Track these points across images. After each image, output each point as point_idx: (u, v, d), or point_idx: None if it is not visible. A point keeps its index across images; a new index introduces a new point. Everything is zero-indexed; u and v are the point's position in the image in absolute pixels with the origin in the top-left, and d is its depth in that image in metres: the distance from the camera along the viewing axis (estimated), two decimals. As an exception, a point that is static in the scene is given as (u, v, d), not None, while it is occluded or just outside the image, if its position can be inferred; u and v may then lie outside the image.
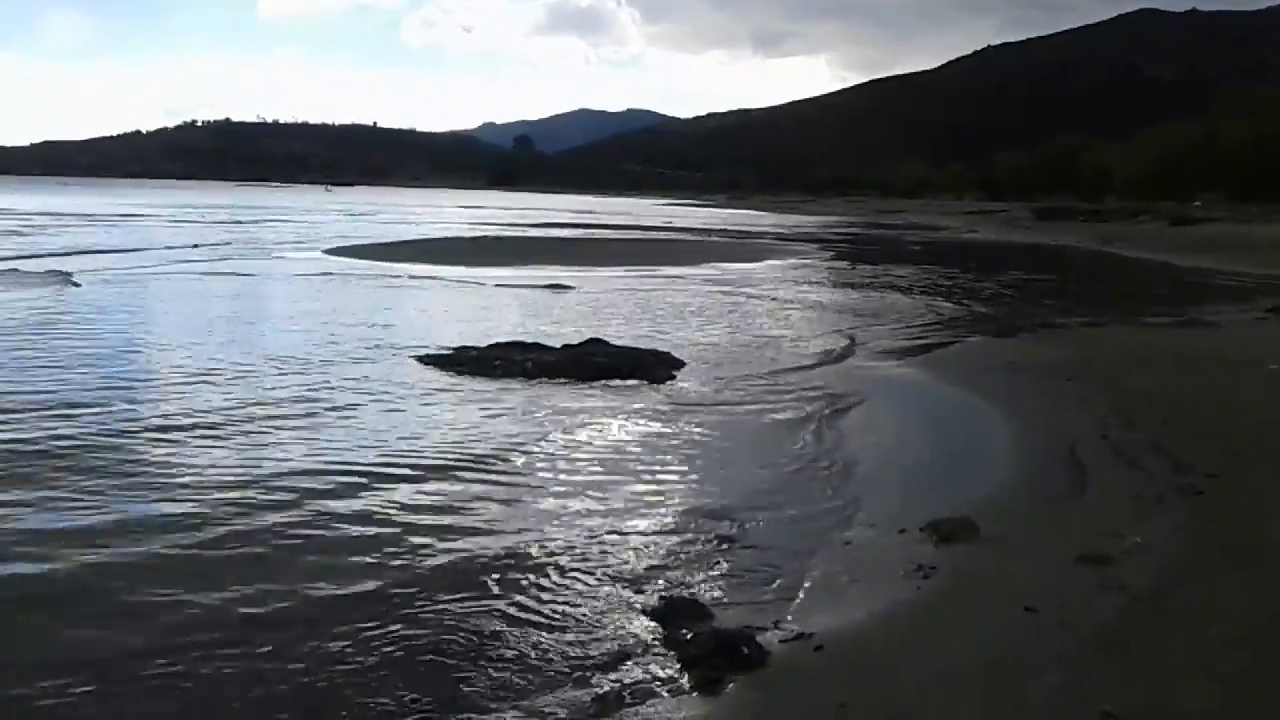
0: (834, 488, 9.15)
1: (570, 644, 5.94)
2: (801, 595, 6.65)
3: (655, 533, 7.86)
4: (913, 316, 22.74)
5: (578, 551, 7.39)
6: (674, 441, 10.77)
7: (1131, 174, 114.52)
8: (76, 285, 23.82)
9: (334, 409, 11.79)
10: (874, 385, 13.99)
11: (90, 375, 13.22)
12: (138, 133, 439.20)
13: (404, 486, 8.90)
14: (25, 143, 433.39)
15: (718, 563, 7.21)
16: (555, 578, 6.90)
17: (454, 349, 15.67)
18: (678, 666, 5.61)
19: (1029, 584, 6.56)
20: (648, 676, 5.54)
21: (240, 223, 62.34)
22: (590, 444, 10.58)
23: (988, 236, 73.03)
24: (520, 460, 9.87)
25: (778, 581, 6.88)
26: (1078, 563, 6.86)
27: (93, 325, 17.79)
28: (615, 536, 7.74)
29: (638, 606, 6.44)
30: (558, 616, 6.32)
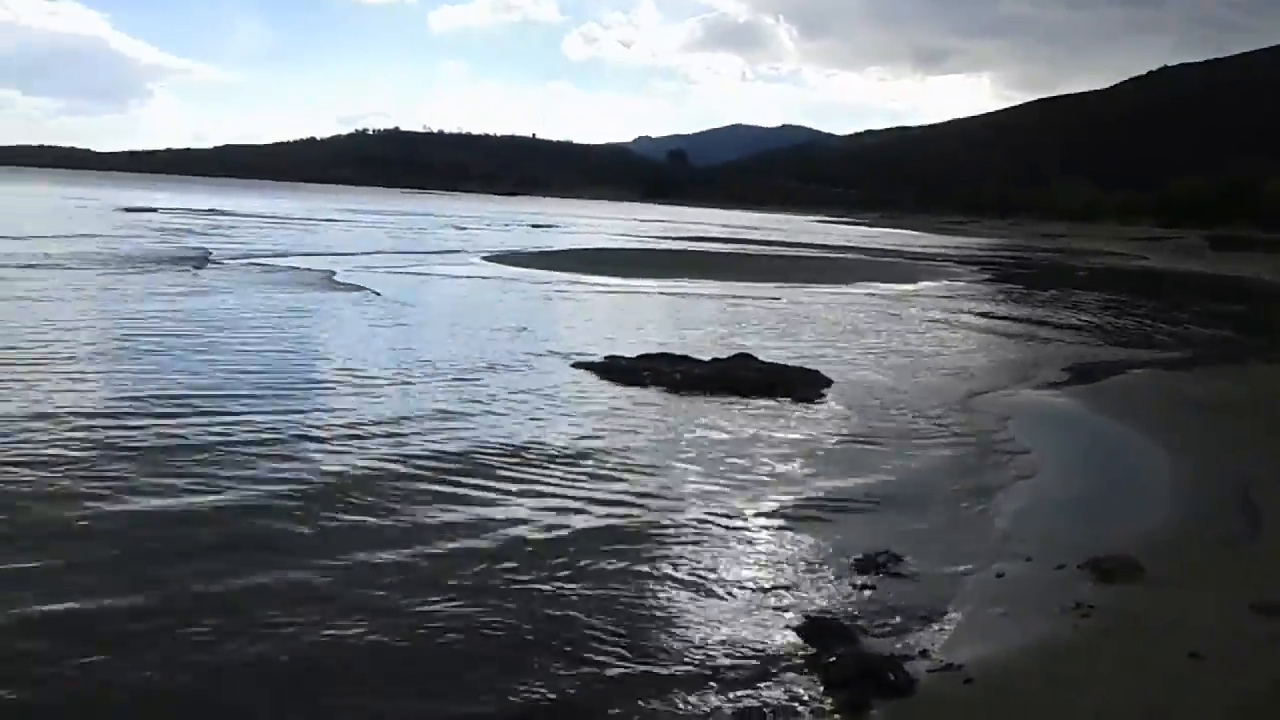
0: (987, 519, 8.91)
1: (715, 654, 5.98)
2: (951, 626, 6.51)
3: (801, 553, 7.82)
4: (1075, 345, 21.90)
5: (724, 565, 7.43)
6: (821, 463, 10.67)
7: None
8: (377, 293, 24.86)
9: (490, 412, 12.14)
10: (1032, 416, 13.55)
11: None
12: (313, 139, 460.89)
13: (552, 484, 9.10)
14: (209, 146, 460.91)
15: (864, 587, 7.12)
16: (702, 588, 6.97)
17: (605, 358, 15.91)
18: (821, 688, 5.57)
19: (1195, 629, 6.25)
20: (791, 695, 5.53)
21: (410, 230, 64.89)
22: (736, 460, 10.58)
23: (1159, 264, 69.72)
24: (666, 472, 9.97)
25: (927, 611, 6.74)
26: (1252, 610, 6.50)
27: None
28: (760, 555, 7.74)
29: (782, 624, 6.42)
30: (704, 625, 6.37)
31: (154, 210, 68.19)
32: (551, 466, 9.86)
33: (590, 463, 10.09)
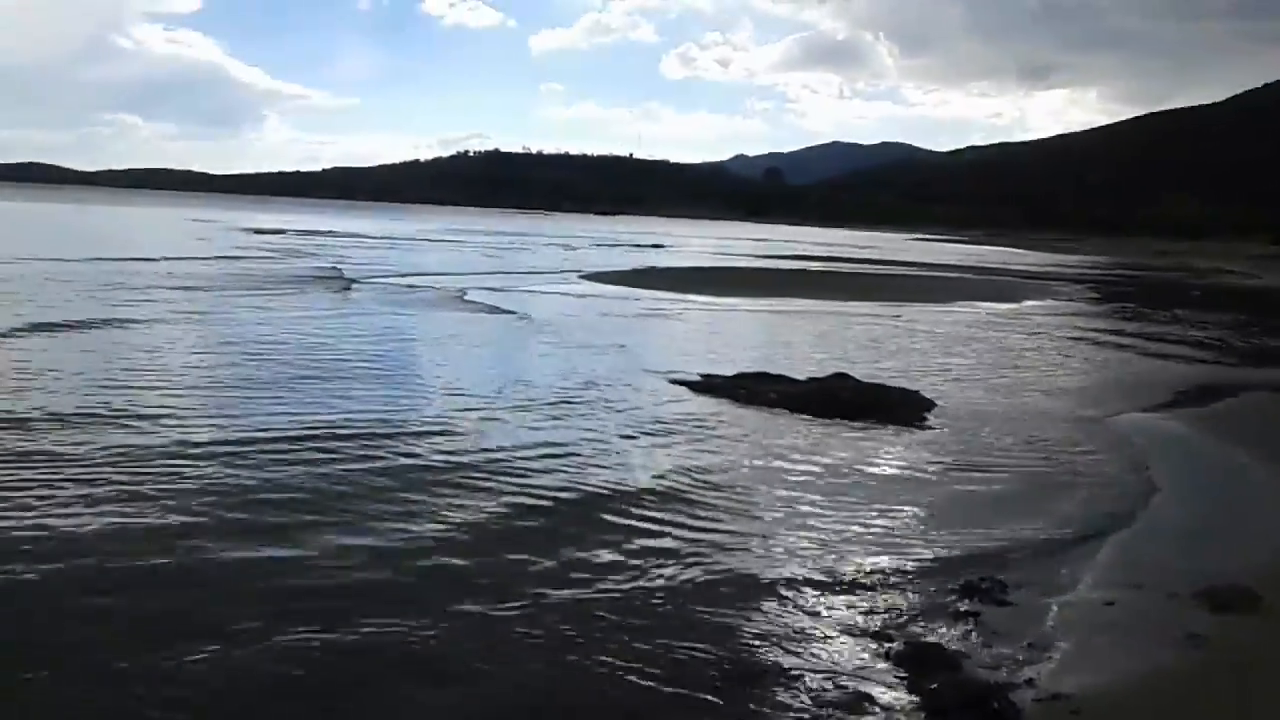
0: (1097, 546, 8.66)
1: (813, 675, 5.95)
2: (1058, 655, 6.35)
3: (901, 577, 7.73)
4: (1190, 366, 21.21)
5: (823, 586, 7.39)
6: (923, 487, 10.51)
7: None
8: (527, 317, 25.30)
9: (591, 432, 12.28)
10: (1144, 440, 13.17)
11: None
12: (416, 161, 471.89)
13: (650, 508, 9.17)
14: (319, 168, 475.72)
15: (968, 614, 6.99)
16: (800, 608, 6.94)
17: (702, 376, 15.95)
18: (923, 715, 5.50)
19: (1316, 665, 6.02)
20: (891, 721, 5.47)
21: (517, 249, 66.12)
22: (835, 482, 10.50)
23: (1277, 283, 66.98)
24: (765, 491, 9.95)
25: (1032, 638, 6.59)
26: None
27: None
28: (861, 576, 7.67)
29: (883, 651, 6.35)
30: (801, 647, 6.34)
31: (281, 232, 70.65)
32: (637, 490, 9.90)
33: (685, 480, 10.12)
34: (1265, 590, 7.14)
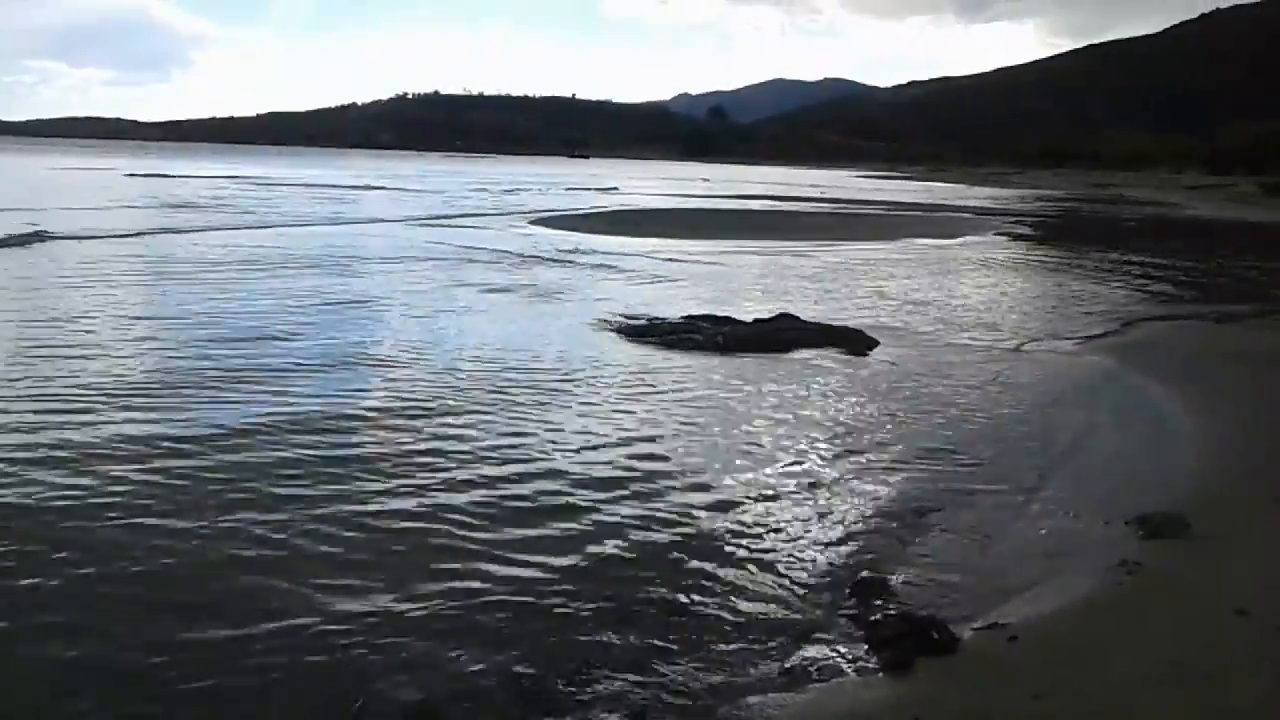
0: (1032, 476, 8.91)
1: (759, 614, 6.09)
2: (996, 583, 6.56)
3: (844, 509, 7.90)
4: (1122, 298, 21.66)
5: (770, 524, 7.52)
6: (867, 419, 10.71)
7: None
8: (474, 261, 25.20)
9: (533, 384, 12.26)
10: (1078, 372, 13.49)
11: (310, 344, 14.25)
12: (354, 104, 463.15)
13: (609, 451, 9.22)
14: (253, 113, 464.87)
15: (910, 546, 7.19)
16: (747, 548, 7.06)
17: (647, 319, 15.99)
18: (866, 647, 5.67)
19: (1242, 586, 6.27)
20: (835, 654, 5.63)
21: (456, 194, 65.11)
22: (784, 416, 10.65)
23: (1211, 213, 68.31)
24: (715, 431, 10.05)
25: (971, 568, 6.81)
26: (1299, 566, 6.50)
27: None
28: (807, 512, 7.82)
29: (827, 583, 6.52)
30: (748, 586, 6.47)
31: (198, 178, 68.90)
32: (591, 439, 9.95)
33: (633, 422, 10.19)
34: (1195, 516, 7.38)
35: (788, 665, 5.49)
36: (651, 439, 9.74)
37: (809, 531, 7.42)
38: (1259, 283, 26.54)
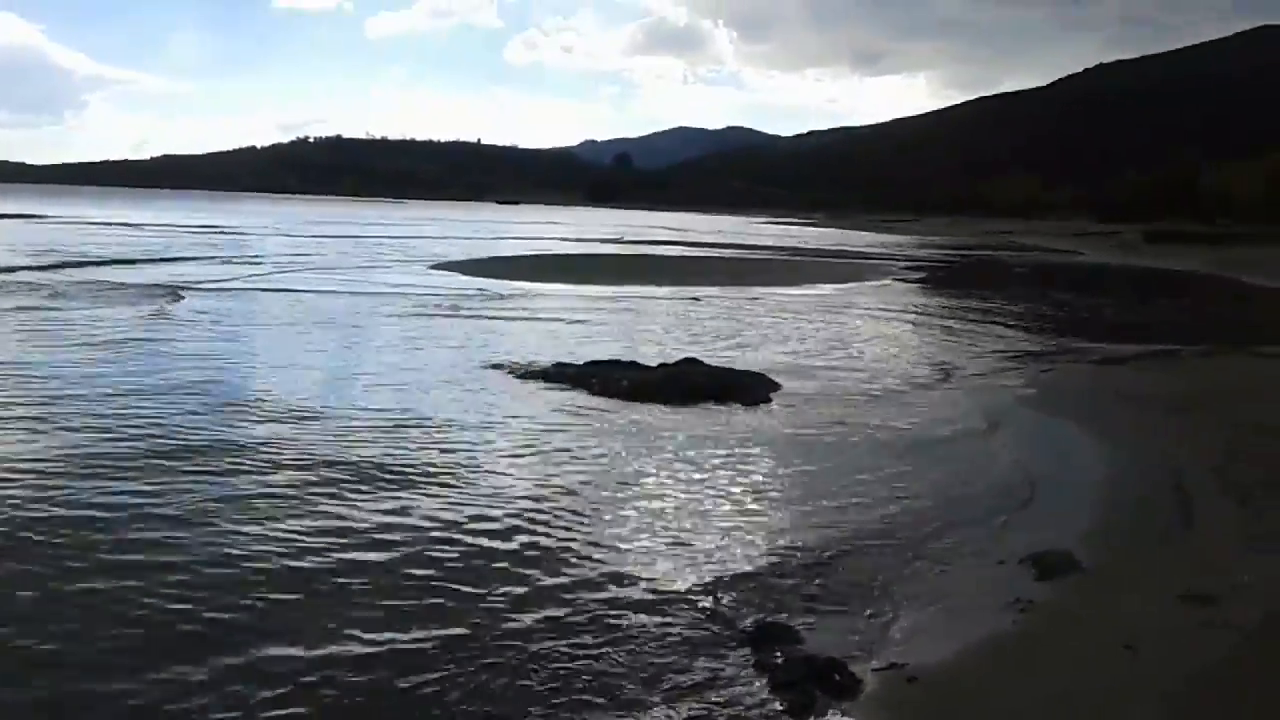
0: (929, 517, 9.04)
1: (661, 663, 6.02)
2: (896, 625, 6.63)
3: (746, 558, 7.88)
4: (1013, 342, 22.28)
5: (669, 573, 7.47)
6: (766, 467, 10.78)
7: (1255, 195, 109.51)
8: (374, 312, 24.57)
9: (430, 424, 12.07)
10: (971, 413, 13.79)
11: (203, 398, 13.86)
12: (253, 148, 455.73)
13: (497, 508, 9.08)
14: (147, 156, 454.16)
15: (810, 590, 7.21)
16: (647, 597, 6.99)
17: (552, 366, 15.90)
18: (769, 690, 5.66)
19: (1130, 621, 6.45)
20: (739, 698, 5.60)
21: (352, 240, 64.28)
22: (680, 469, 10.59)
23: (1096, 260, 71.10)
24: (611, 483, 9.95)
25: (871, 611, 6.86)
26: (1181, 600, 6.72)
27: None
28: (705, 560, 7.79)
29: (730, 629, 6.49)
30: (650, 635, 6.40)
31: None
32: (480, 479, 9.84)
33: (527, 473, 10.10)
34: (1084, 554, 7.60)
35: (690, 715, 5.44)
36: (540, 499, 9.50)
37: (708, 579, 7.37)
38: (1142, 325, 27.64)
